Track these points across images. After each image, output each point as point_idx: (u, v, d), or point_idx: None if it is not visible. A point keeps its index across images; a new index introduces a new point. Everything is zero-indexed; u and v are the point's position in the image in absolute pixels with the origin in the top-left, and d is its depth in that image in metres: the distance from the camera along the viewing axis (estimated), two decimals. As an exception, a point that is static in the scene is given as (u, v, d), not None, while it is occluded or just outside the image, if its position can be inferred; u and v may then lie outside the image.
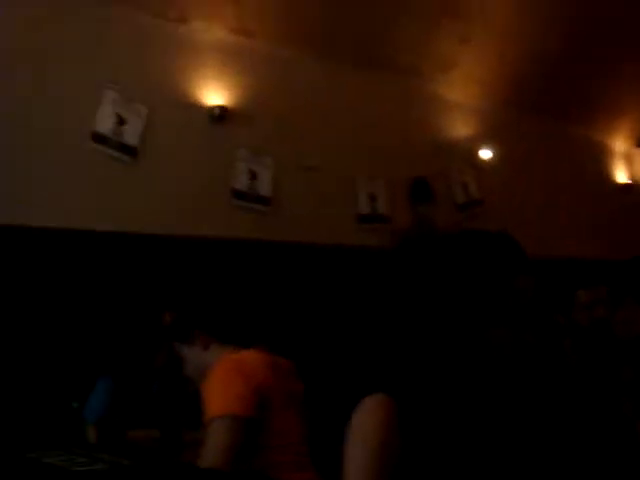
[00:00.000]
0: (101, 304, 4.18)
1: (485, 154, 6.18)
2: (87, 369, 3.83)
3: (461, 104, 6.20)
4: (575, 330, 3.37)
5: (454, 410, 1.47)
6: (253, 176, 4.93)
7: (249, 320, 3.35)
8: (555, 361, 3.13)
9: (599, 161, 7.48)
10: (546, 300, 3.53)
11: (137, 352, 3.49)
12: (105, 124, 4.46)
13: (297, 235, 5.05)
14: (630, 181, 7.59)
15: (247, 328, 3.23)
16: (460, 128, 6.15)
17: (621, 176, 7.60)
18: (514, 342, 1.55)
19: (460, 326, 1.49)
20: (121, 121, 4.50)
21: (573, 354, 3.27)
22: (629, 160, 7.72)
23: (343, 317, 4.76)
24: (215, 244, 4.70)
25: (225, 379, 2.86)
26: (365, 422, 1.43)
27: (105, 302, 4.18)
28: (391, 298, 1.63)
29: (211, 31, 4.94)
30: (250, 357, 3.00)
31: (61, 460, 1.86)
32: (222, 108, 4.87)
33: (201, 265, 4.57)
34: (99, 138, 4.43)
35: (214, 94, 4.89)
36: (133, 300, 4.19)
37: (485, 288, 1.53)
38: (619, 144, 7.65)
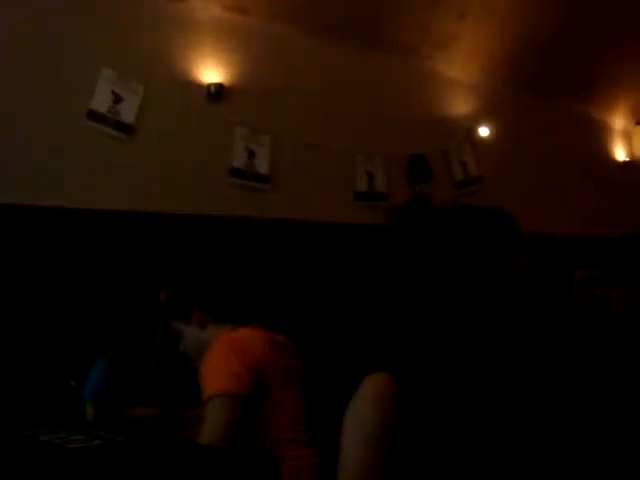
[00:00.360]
0: (99, 283, 4.18)
1: (484, 131, 6.16)
2: (86, 348, 3.83)
3: (460, 81, 6.17)
4: (573, 310, 3.37)
5: (455, 391, 1.46)
6: (251, 154, 4.92)
7: (247, 298, 3.34)
8: (553, 340, 3.13)
9: (598, 139, 7.47)
10: (545, 279, 3.53)
11: (135, 330, 3.49)
12: (101, 102, 4.44)
13: (295, 213, 5.04)
14: (629, 159, 7.58)
15: (245, 306, 3.23)
16: (459, 105, 6.13)
17: (620, 154, 7.58)
18: (514, 321, 1.54)
19: (460, 303, 1.48)
20: (117, 99, 4.48)
21: (572, 334, 3.27)
22: (628, 138, 7.71)
23: (341, 295, 4.76)
24: (213, 222, 4.69)
25: (222, 357, 2.86)
26: (363, 407, 1.43)
27: (103, 281, 4.17)
28: (390, 275, 1.61)
29: (207, 9, 4.90)
30: (248, 335, 3.00)
31: (57, 437, 1.85)
32: (219, 86, 4.84)
33: (199, 243, 4.57)
34: (96, 116, 4.41)
35: (211, 72, 4.86)
36: (131, 278, 4.19)
37: (485, 264, 1.52)
38: (619, 121, 7.64)
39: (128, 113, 4.52)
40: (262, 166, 4.97)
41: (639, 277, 2.27)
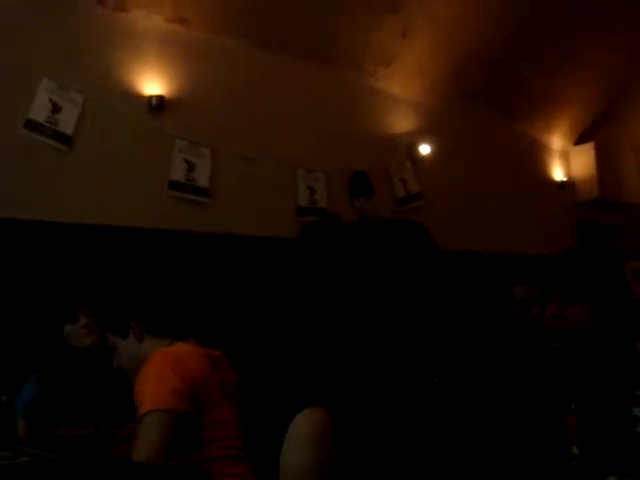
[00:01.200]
0: (32, 295, 4.09)
1: (425, 149, 6.21)
2: (17, 363, 3.75)
3: (402, 98, 6.22)
4: (511, 327, 3.40)
5: (389, 422, 1.45)
6: (191, 167, 4.88)
7: (184, 312, 3.32)
8: (485, 358, 3.15)
9: (537, 158, 7.59)
10: (481, 294, 3.56)
11: (67, 346, 3.44)
12: (40, 112, 4.36)
13: (235, 227, 5.02)
14: (566, 179, 7.71)
15: (182, 320, 3.20)
16: (400, 122, 6.17)
17: (558, 173, 7.71)
18: (443, 338, 1.54)
19: (383, 321, 1.47)
20: (56, 109, 4.40)
21: (510, 353, 3.30)
22: (566, 158, 7.84)
23: (280, 310, 4.73)
24: (152, 235, 4.64)
25: (160, 373, 2.83)
26: (298, 450, 1.39)
27: (36, 293, 4.09)
28: (309, 295, 1.60)
29: (150, 20, 4.86)
30: (185, 350, 2.97)
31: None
32: (160, 98, 4.80)
33: (137, 256, 4.52)
34: (33, 126, 4.33)
35: (152, 83, 4.82)
36: (65, 292, 4.12)
37: (402, 279, 1.51)
38: (557, 141, 7.77)
39: (67, 123, 4.45)
40: (202, 179, 4.93)
41: (571, 294, 2.29)
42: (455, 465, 1.51)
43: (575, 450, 1.99)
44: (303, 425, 1.39)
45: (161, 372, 2.82)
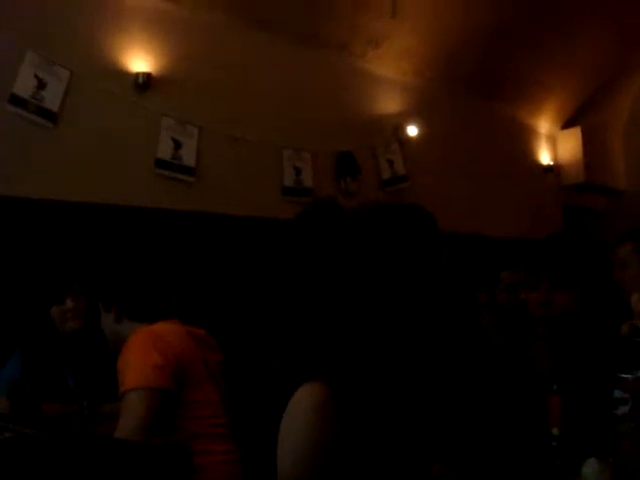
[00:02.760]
0: (16, 273, 4.07)
1: (412, 130, 6.20)
2: (1, 340, 3.74)
3: (390, 80, 6.21)
4: (497, 311, 3.42)
5: (389, 396, 1.46)
6: (177, 145, 4.86)
7: (162, 296, 3.29)
8: (473, 339, 3.17)
9: (524, 141, 7.60)
10: (468, 277, 3.57)
11: (52, 327, 3.43)
12: (24, 87, 4.32)
13: (221, 206, 5.00)
14: (553, 163, 7.73)
15: (159, 304, 3.19)
16: (388, 103, 6.16)
17: (545, 157, 7.73)
18: (440, 318, 1.55)
19: (383, 303, 1.48)
20: (41, 84, 4.36)
21: (495, 335, 3.32)
22: (553, 142, 7.86)
23: (266, 290, 4.74)
24: (137, 213, 4.63)
25: (141, 350, 2.84)
26: (296, 424, 1.40)
27: (20, 271, 4.07)
28: (310, 274, 1.60)
29: (138, -5, 4.83)
30: (168, 328, 2.99)
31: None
32: (147, 75, 4.76)
33: (121, 234, 4.50)
34: (18, 101, 4.29)
35: (139, 60, 4.78)
36: (49, 269, 4.10)
37: (403, 261, 1.52)
38: (544, 125, 7.78)
39: (52, 99, 4.41)
40: (188, 158, 4.91)
41: (557, 281, 2.30)
42: (447, 435, 1.52)
43: (555, 431, 2.01)
44: (304, 399, 1.40)
45: (142, 349, 2.84)
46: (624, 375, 1.86)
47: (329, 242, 1.56)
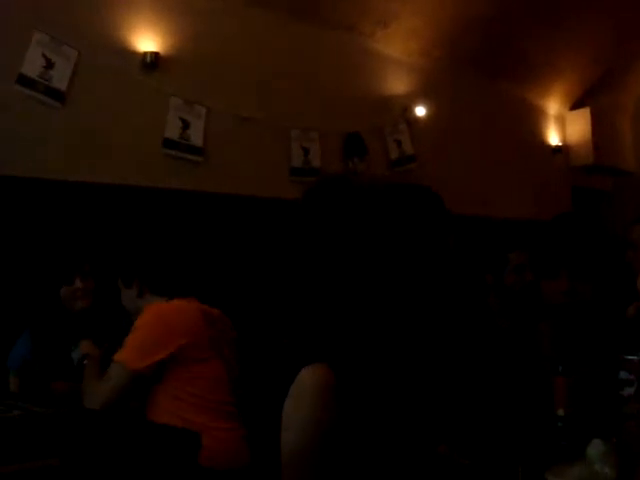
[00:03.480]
0: (26, 253, 4.09)
1: (420, 111, 6.18)
2: (10, 319, 3.77)
3: (398, 60, 6.18)
4: (504, 292, 3.42)
5: (392, 381, 1.46)
6: (185, 125, 4.85)
7: (181, 271, 3.37)
8: (478, 322, 3.18)
9: (533, 122, 7.57)
10: (476, 259, 3.57)
11: (58, 306, 3.46)
12: (33, 67, 4.31)
13: (229, 186, 5.00)
14: (561, 143, 7.70)
15: (179, 279, 3.26)
16: (396, 84, 6.14)
17: (554, 138, 7.70)
18: (444, 302, 1.55)
19: (390, 285, 1.48)
20: (49, 64, 4.36)
21: (502, 317, 3.33)
22: (561, 123, 7.82)
23: (278, 269, 4.75)
24: (145, 193, 4.63)
25: (144, 328, 2.96)
26: (301, 405, 1.41)
27: (29, 251, 4.08)
28: (316, 255, 1.60)
29: (145, -25, 4.81)
30: (180, 305, 3.06)
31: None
32: (155, 55, 4.75)
33: (130, 214, 4.51)
34: (26, 81, 4.29)
35: (147, 40, 4.77)
36: (60, 249, 4.12)
37: (413, 243, 1.52)
38: (553, 106, 7.74)
39: (60, 79, 4.40)
40: (196, 138, 4.90)
41: (577, 274, 2.30)
42: (453, 416, 1.53)
43: (561, 412, 2.02)
44: (307, 380, 1.41)
45: (146, 327, 2.96)
46: (630, 357, 1.87)
47: (336, 221, 1.56)
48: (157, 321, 2.97)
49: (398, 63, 6.17)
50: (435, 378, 1.53)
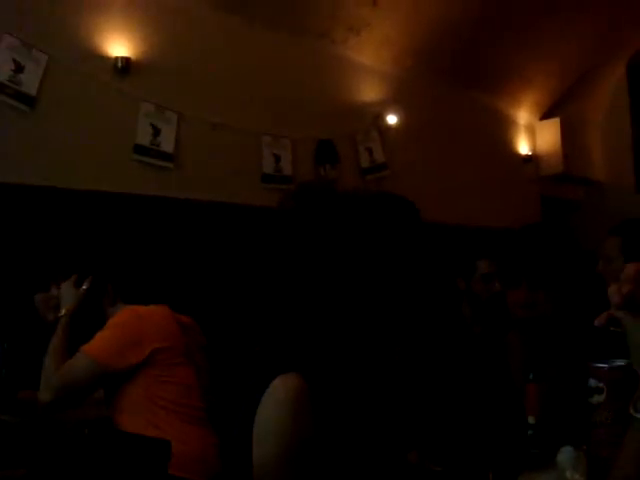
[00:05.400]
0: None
1: (391, 119, 6.20)
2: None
3: (370, 68, 6.20)
4: (474, 300, 3.43)
5: (362, 383, 1.46)
6: (156, 131, 4.83)
7: (151, 278, 3.35)
8: (454, 328, 3.19)
9: (503, 132, 7.62)
10: (448, 266, 3.58)
11: (32, 313, 3.43)
12: (2, 71, 4.26)
13: (200, 193, 4.99)
14: (531, 153, 7.76)
15: (150, 286, 3.25)
16: (368, 92, 6.15)
17: (524, 148, 7.76)
18: (423, 309, 1.55)
19: (364, 293, 1.47)
20: (19, 68, 4.32)
21: (475, 324, 3.34)
22: (531, 132, 7.88)
23: (247, 276, 4.73)
24: (115, 199, 4.60)
25: (118, 325, 2.96)
26: (278, 416, 1.40)
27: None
28: (289, 262, 1.60)
29: (117, -21, 4.78)
30: (155, 311, 3.05)
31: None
32: (126, 60, 4.72)
33: (101, 220, 4.48)
34: (-4, 85, 4.25)
35: (118, 45, 4.74)
36: (31, 257, 4.08)
37: (389, 253, 1.52)
38: (523, 116, 7.80)
39: (30, 84, 4.36)
40: (167, 144, 4.88)
41: (538, 284, 2.32)
42: (424, 423, 1.53)
43: (531, 419, 2.03)
44: (280, 390, 1.40)
45: (119, 325, 2.96)
46: (599, 364, 1.88)
47: (315, 228, 1.55)
48: (134, 322, 2.96)
49: (370, 71, 6.18)
50: (406, 384, 1.53)
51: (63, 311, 3.10)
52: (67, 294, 3.15)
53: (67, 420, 2.78)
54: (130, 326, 2.93)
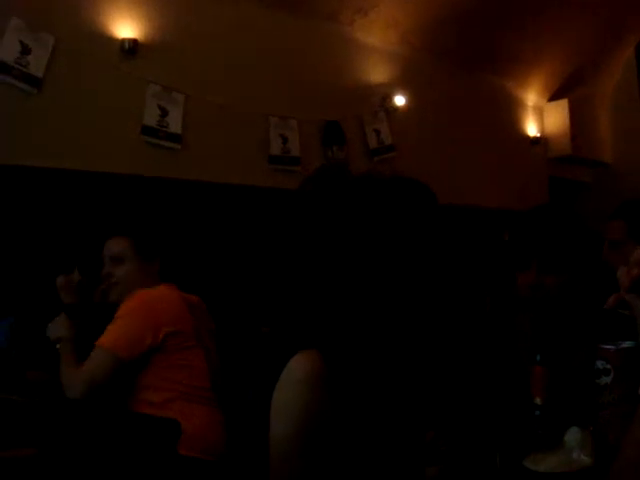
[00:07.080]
0: (5, 241, 4.05)
1: (399, 100, 6.18)
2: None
3: (378, 49, 6.17)
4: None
5: (383, 369, 1.46)
6: (164, 113, 4.82)
7: (168, 256, 3.37)
8: (470, 313, 3.19)
9: (511, 113, 7.59)
10: (463, 250, 3.58)
11: (41, 291, 3.44)
12: (9, 53, 4.25)
13: (207, 174, 4.98)
14: (539, 134, 7.73)
15: (166, 264, 3.27)
16: (376, 73, 6.13)
17: (532, 129, 7.73)
18: (438, 293, 1.55)
19: (381, 275, 1.47)
20: (26, 50, 4.31)
21: (494, 312, 3.34)
22: (540, 114, 7.85)
23: (253, 258, 4.75)
24: (122, 180, 4.60)
25: (130, 315, 2.95)
26: (292, 395, 1.40)
27: (9, 239, 4.05)
28: (307, 243, 1.60)
29: (124, -40, 4.76)
30: (164, 293, 3.06)
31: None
32: (133, 41, 4.70)
33: (108, 201, 4.48)
34: (2, 67, 4.23)
35: (125, 26, 4.72)
36: (41, 237, 4.09)
37: (406, 236, 1.52)
38: (531, 97, 7.77)
39: (37, 65, 4.35)
40: (175, 125, 4.87)
41: (548, 266, 2.32)
42: (439, 403, 1.54)
43: (538, 400, 2.03)
44: (297, 368, 1.40)
45: (132, 314, 2.96)
46: (607, 346, 1.88)
47: (336, 209, 1.55)
48: (143, 308, 2.98)
49: (377, 52, 6.16)
50: (423, 364, 1.53)
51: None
52: (61, 327, 3.14)
53: (76, 401, 2.79)
54: (140, 313, 2.95)
